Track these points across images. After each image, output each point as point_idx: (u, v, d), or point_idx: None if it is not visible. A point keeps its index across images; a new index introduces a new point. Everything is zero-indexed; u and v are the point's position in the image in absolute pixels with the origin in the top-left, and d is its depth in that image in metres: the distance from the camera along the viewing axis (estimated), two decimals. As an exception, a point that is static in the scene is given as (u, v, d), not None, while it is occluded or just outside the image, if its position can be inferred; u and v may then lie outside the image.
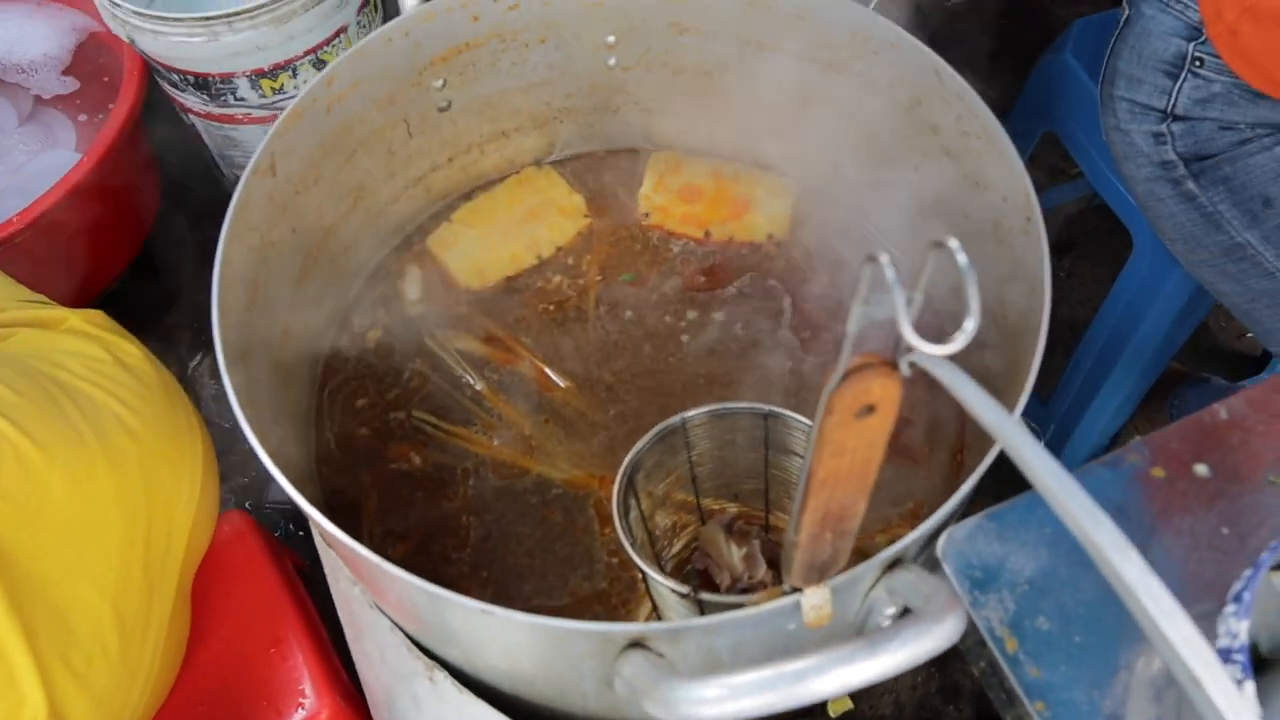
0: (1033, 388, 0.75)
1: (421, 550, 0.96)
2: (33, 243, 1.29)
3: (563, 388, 1.03)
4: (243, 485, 1.47)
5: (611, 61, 1.10)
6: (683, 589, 0.73)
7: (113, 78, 1.46)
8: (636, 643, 0.63)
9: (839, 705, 1.24)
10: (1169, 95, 0.97)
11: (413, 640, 0.85)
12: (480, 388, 1.04)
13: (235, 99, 1.37)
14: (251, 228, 0.88)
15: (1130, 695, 0.61)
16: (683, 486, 0.88)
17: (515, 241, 1.13)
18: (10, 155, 1.48)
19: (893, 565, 0.66)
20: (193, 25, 1.26)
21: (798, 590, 0.62)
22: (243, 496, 1.47)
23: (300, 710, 0.95)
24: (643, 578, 0.78)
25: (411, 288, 1.11)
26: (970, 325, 0.39)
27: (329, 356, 1.07)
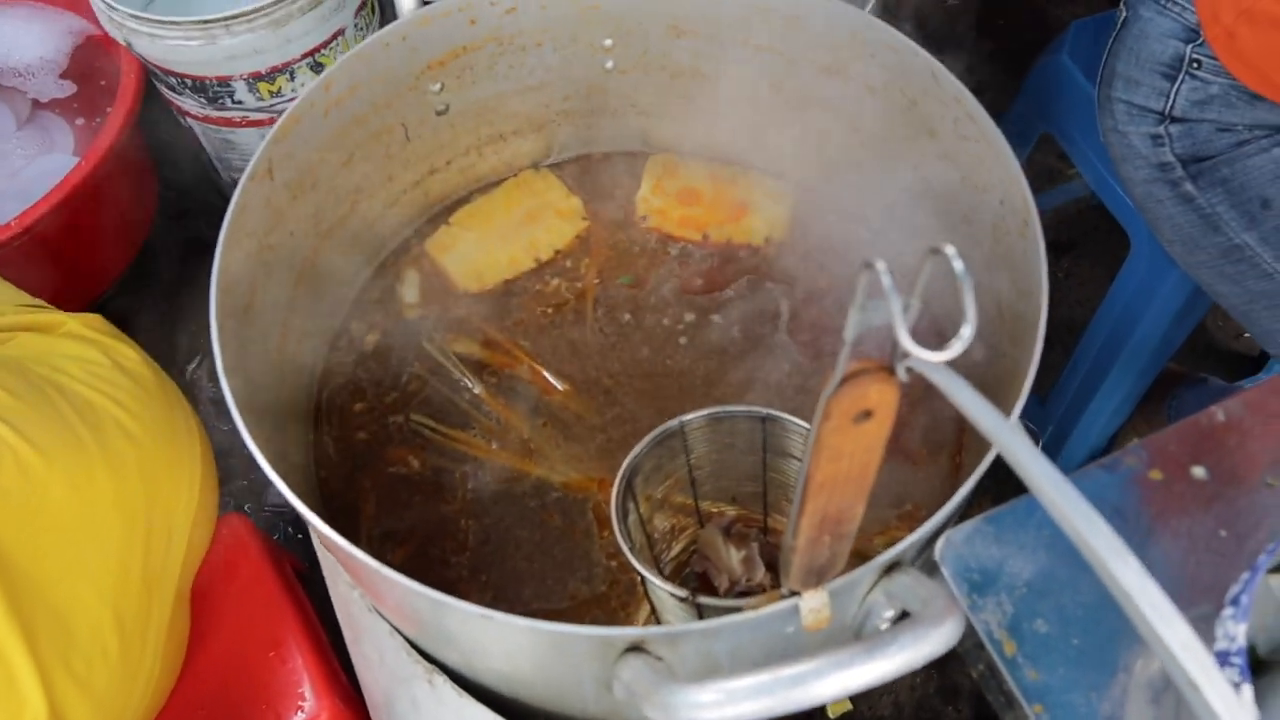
0: (1030, 389, 0.75)
1: (420, 554, 0.96)
2: (30, 246, 1.29)
3: (561, 391, 1.03)
4: (241, 488, 1.47)
5: (609, 64, 1.10)
6: (681, 593, 0.73)
7: (110, 81, 1.46)
8: (635, 646, 0.63)
9: (838, 707, 1.24)
10: (1167, 97, 0.97)
11: (412, 643, 0.85)
12: (478, 391, 1.04)
13: (233, 102, 1.37)
14: (249, 233, 0.88)
15: (1128, 697, 0.62)
16: (681, 489, 0.89)
17: (513, 245, 1.13)
18: (8, 159, 1.48)
19: (891, 568, 0.66)
20: (190, 29, 1.26)
21: (796, 594, 0.62)
22: (241, 499, 1.47)
23: (300, 713, 0.95)
24: (641, 581, 0.79)
25: (409, 291, 1.11)
26: (967, 332, 0.39)
27: (327, 360, 1.07)
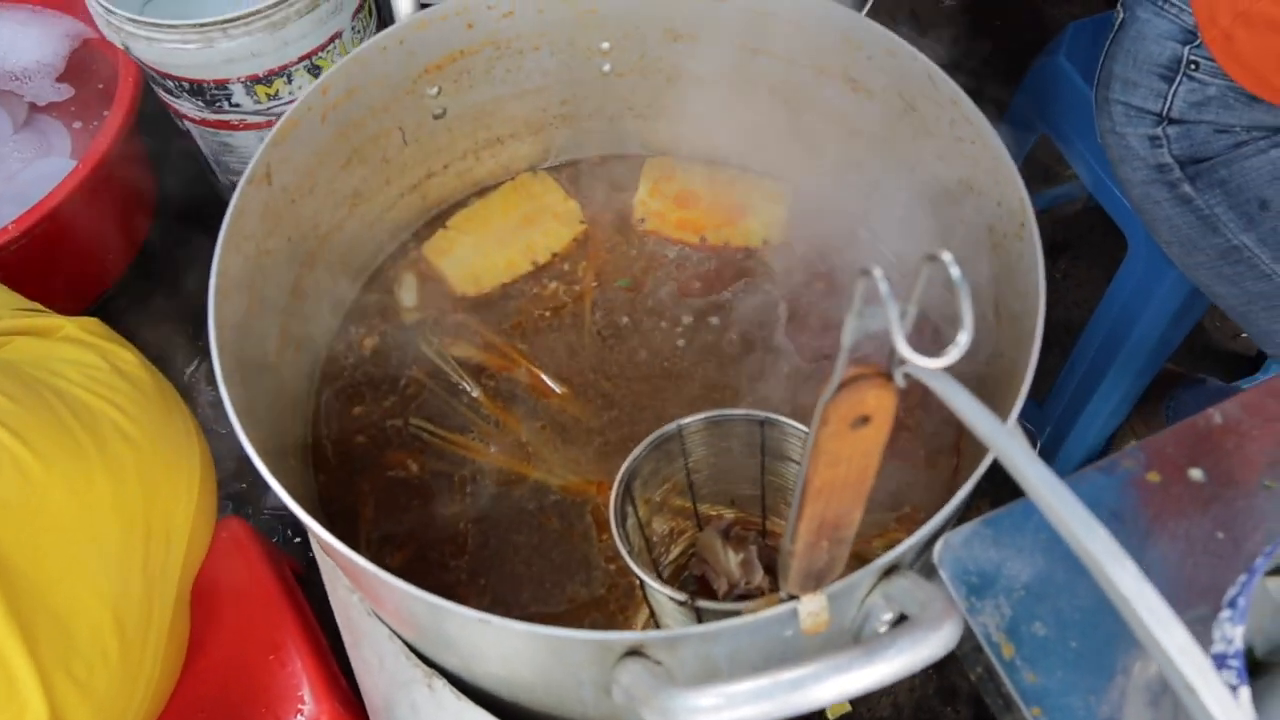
0: (1028, 391, 0.75)
1: (419, 558, 0.96)
2: (28, 250, 1.29)
3: (559, 394, 1.03)
4: (240, 491, 1.47)
5: (606, 68, 1.10)
6: (680, 596, 0.73)
7: (107, 85, 1.46)
8: (634, 650, 0.63)
9: (837, 708, 1.24)
10: (1164, 98, 0.97)
11: (411, 647, 0.85)
12: (477, 395, 1.04)
13: (230, 105, 1.37)
14: (247, 237, 0.88)
15: (1127, 700, 0.62)
16: (680, 493, 0.89)
17: (511, 248, 1.13)
18: (5, 163, 1.48)
19: (889, 572, 0.66)
20: (187, 32, 1.26)
21: (794, 598, 0.62)
22: (240, 503, 1.47)
23: (299, 716, 0.95)
24: (640, 584, 0.79)
25: (407, 295, 1.11)
26: (963, 339, 0.39)
27: (326, 364, 1.07)
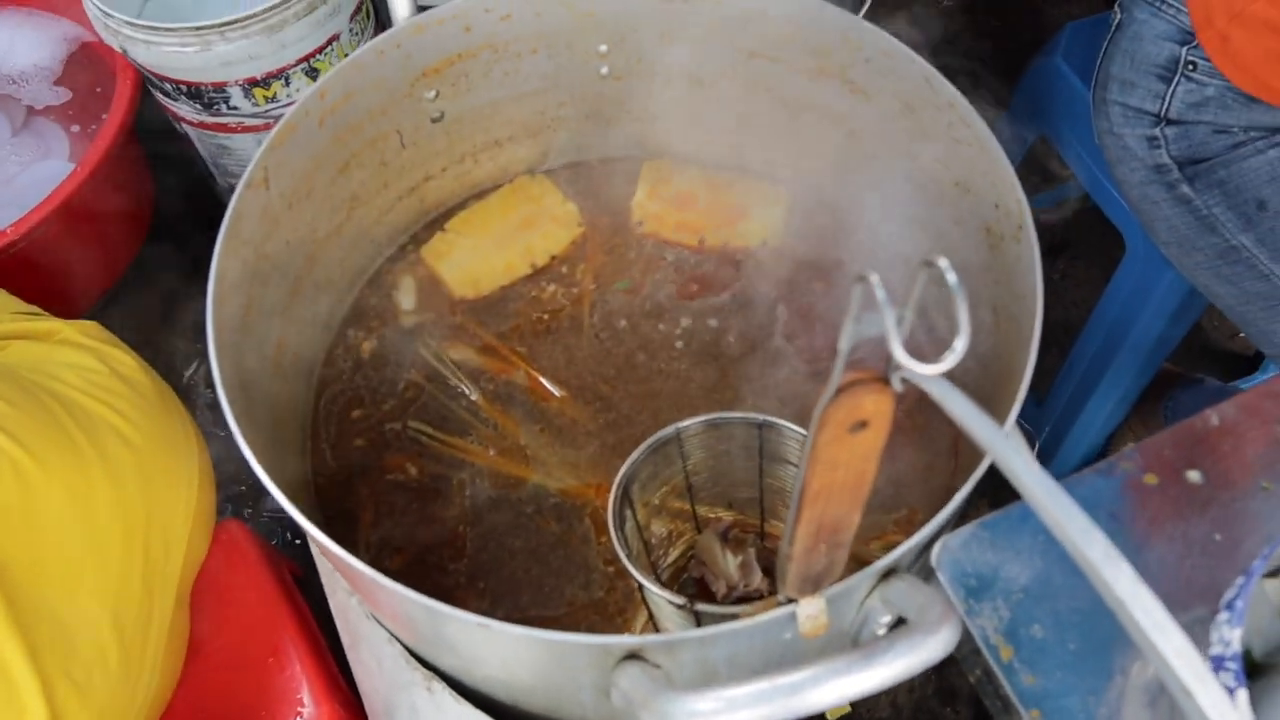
0: (1026, 393, 0.75)
1: (418, 561, 0.96)
2: (26, 254, 1.29)
3: (558, 397, 1.03)
4: (239, 494, 1.47)
5: (604, 70, 1.11)
6: (679, 600, 0.73)
7: (105, 88, 1.46)
8: (632, 654, 0.63)
9: (837, 710, 1.24)
10: (1162, 99, 0.97)
11: (410, 650, 0.85)
12: (476, 398, 1.04)
13: (228, 108, 1.37)
14: (245, 241, 0.88)
15: (1125, 701, 0.62)
16: (678, 495, 0.89)
17: (509, 251, 1.13)
18: (3, 166, 1.47)
19: (887, 575, 0.66)
20: (185, 35, 1.26)
21: (793, 601, 0.62)
22: (239, 505, 1.47)
23: (299, 719, 0.95)
24: (639, 587, 0.79)
25: (406, 298, 1.11)
26: (960, 345, 0.39)
27: (324, 368, 1.07)
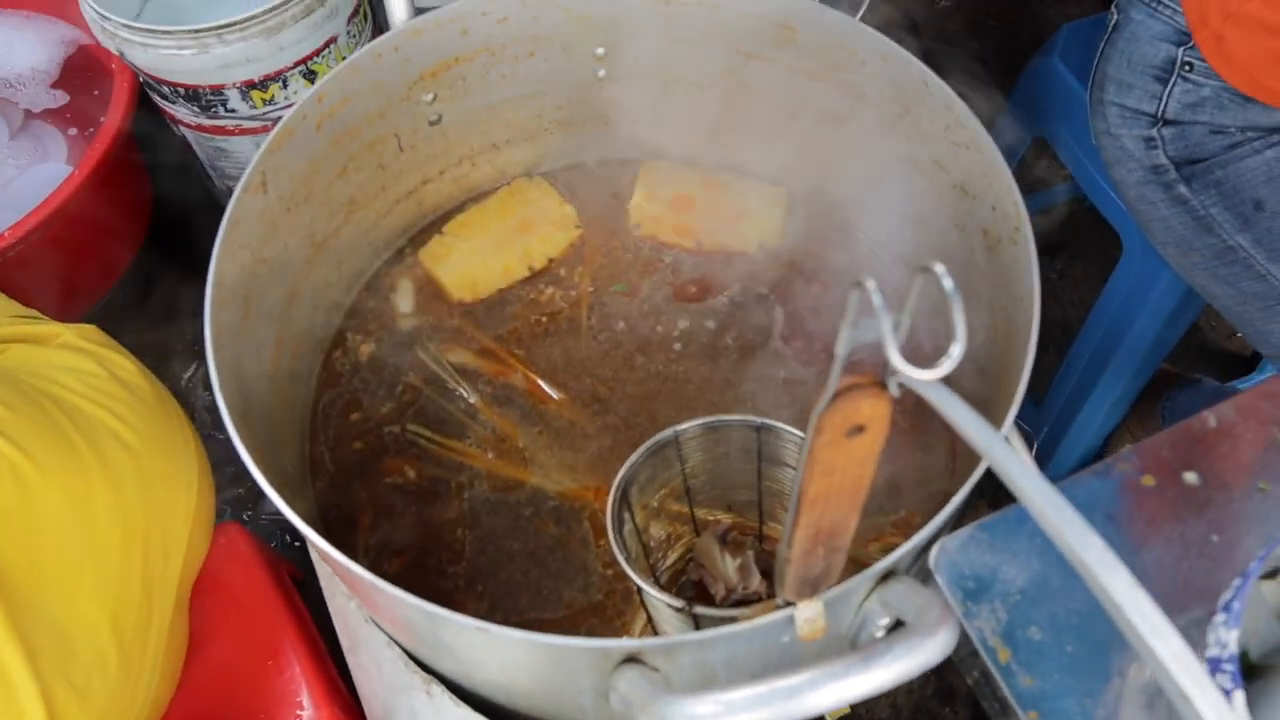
0: (1024, 394, 0.75)
1: (417, 564, 0.96)
2: (24, 257, 1.29)
3: (556, 399, 1.04)
4: (238, 497, 1.47)
5: (601, 73, 1.11)
6: (677, 603, 0.73)
7: (103, 91, 1.46)
8: (631, 658, 0.63)
9: (836, 710, 1.24)
10: (1159, 100, 0.97)
11: (409, 654, 0.86)
12: (474, 400, 1.04)
13: (226, 110, 1.37)
14: (243, 246, 0.88)
15: (1122, 703, 0.62)
16: (677, 498, 0.89)
17: (507, 253, 1.13)
18: (1, 169, 1.47)
19: (885, 577, 0.66)
20: (183, 38, 1.26)
21: (791, 604, 0.62)
22: (238, 508, 1.47)
23: (298, 722, 0.95)
24: (638, 590, 0.79)
25: (404, 301, 1.11)
26: (956, 351, 0.40)
27: (322, 371, 1.07)
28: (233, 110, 1.37)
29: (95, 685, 0.82)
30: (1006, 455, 0.41)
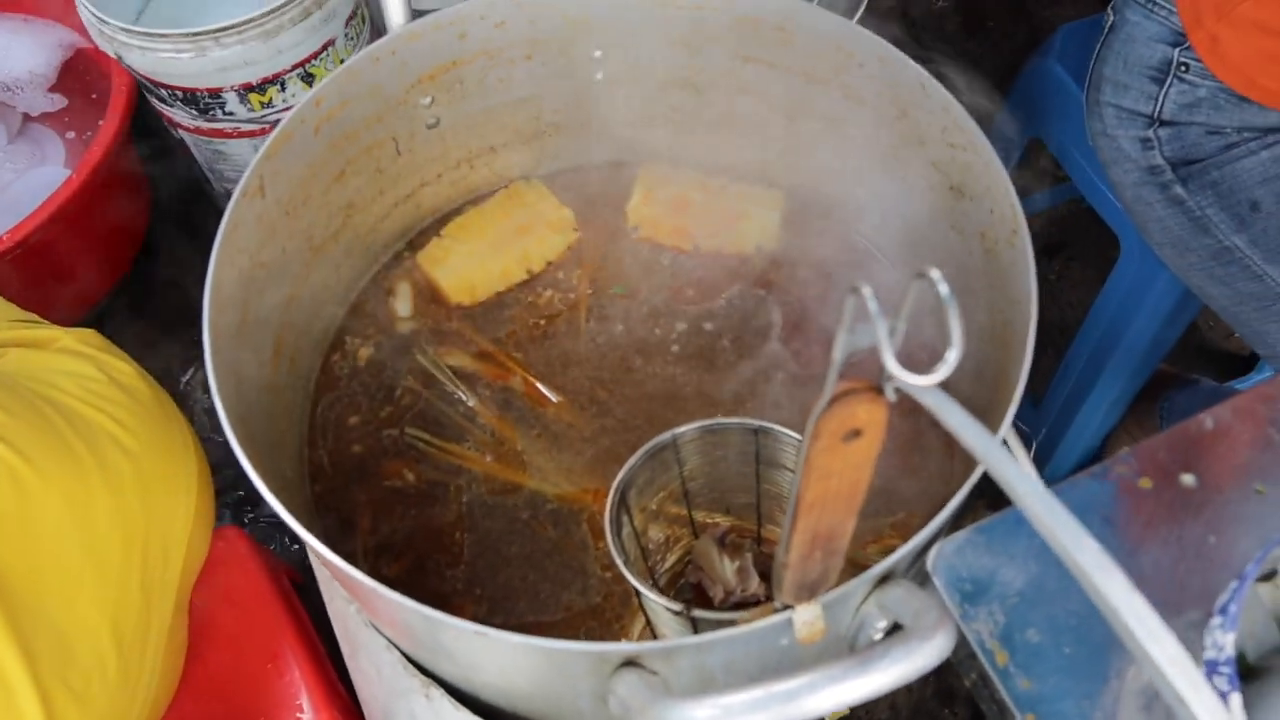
0: (1022, 395, 0.75)
1: (416, 567, 0.96)
2: (23, 261, 1.29)
3: (555, 402, 1.04)
4: (237, 499, 1.47)
5: (599, 76, 1.11)
6: (676, 606, 0.74)
7: (101, 94, 1.46)
8: (630, 661, 0.63)
9: (834, 713, 1.24)
10: (1155, 100, 0.97)
11: (408, 657, 0.86)
12: (472, 404, 1.04)
13: (224, 113, 1.37)
14: (241, 250, 0.88)
15: (1120, 705, 0.62)
16: (675, 501, 0.89)
17: (505, 256, 1.13)
18: (-1, 172, 1.48)
19: (883, 580, 0.66)
20: (181, 41, 1.26)
21: (789, 607, 0.62)
22: (237, 511, 1.47)
23: (298, 725, 0.95)
24: (636, 593, 0.79)
25: (402, 304, 1.11)
26: (953, 357, 0.40)
27: (321, 375, 1.07)
28: (230, 113, 1.37)
29: (94, 689, 0.82)
30: (1002, 459, 0.41)
